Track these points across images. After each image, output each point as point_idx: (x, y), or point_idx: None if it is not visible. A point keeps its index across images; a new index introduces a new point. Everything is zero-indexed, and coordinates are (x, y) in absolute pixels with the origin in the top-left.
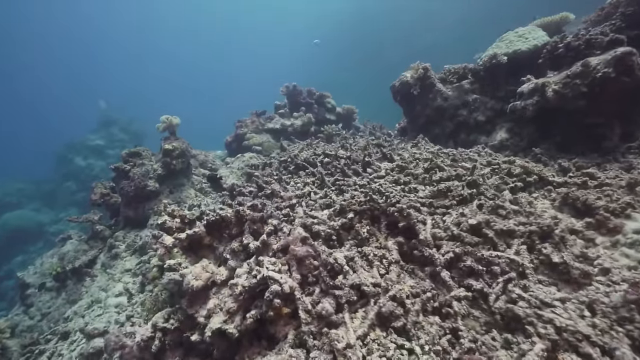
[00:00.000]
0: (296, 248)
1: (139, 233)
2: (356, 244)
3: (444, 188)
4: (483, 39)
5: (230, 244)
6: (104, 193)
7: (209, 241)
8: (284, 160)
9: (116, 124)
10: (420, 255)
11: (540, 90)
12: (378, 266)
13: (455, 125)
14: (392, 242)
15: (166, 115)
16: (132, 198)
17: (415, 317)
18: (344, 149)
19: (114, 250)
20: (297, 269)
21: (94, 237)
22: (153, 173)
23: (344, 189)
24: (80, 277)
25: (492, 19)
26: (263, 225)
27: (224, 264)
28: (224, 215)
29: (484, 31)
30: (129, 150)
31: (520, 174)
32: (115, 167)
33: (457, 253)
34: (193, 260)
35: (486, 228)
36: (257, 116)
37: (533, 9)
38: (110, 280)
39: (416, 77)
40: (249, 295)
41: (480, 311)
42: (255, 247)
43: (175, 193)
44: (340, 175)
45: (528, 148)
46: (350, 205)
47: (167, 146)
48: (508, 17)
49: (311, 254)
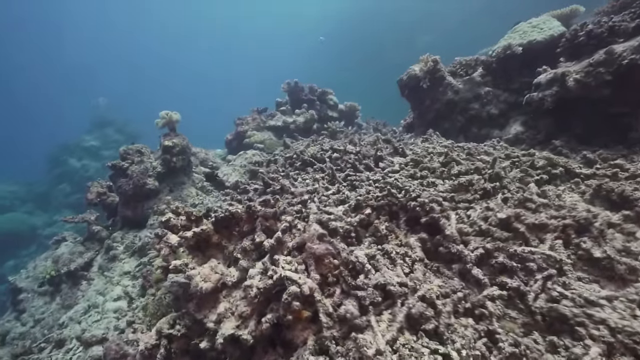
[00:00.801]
0: (314, 246)
1: (138, 233)
2: (375, 242)
3: (466, 182)
4: (482, 39)
5: (241, 242)
6: (100, 192)
7: (218, 240)
8: (289, 156)
9: (111, 125)
10: (446, 252)
11: (560, 80)
12: (401, 264)
13: (466, 120)
14: (415, 239)
15: (166, 111)
16: (131, 197)
17: (448, 319)
18: (352, 144)
19: (112, 251)
20: (315, 268)
21: (91, 238)
22: (152, 171)
23: (356, 185)
24: (76, 280)
25: (491, 20)
26: (276, 222)
27: (235, 264)
28: (234, 211)
29: (483, 31)
30: (127, 147)
31: (545, 166)
32: (113, 164)
33: (487, 249)
34: (200, 261)
35: (516, 222)
36: (258, 113)
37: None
38: (109, 283)
39: (425, 70)
40: (264, 298)
41: (517, 311)
42: (270, 245)
43: (175, 192)
44: (352, 170)
45: (546, 141)
46: (367, 200)
47: (167, 142)
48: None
49: (331, 252)
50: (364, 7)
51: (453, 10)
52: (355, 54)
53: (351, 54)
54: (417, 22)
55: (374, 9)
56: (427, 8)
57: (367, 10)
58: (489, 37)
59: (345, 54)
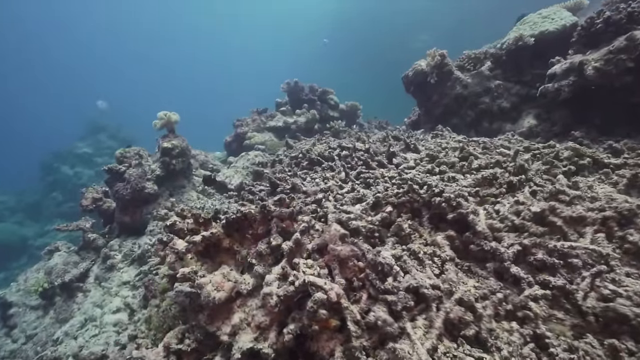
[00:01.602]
0: (337, 247)
1: (137, 241)
2: (398, 241)
3: (490, 175)
4: (477, 40)
5: (256, 246)
6: (96, 198)
7: (229, 244)
8: (295, 156)
9: (104, 131)
10: (478, 250)
11: (578, 69)
12: (430, 265)
13: (477, 114)
14: (442, 237)
15: (164, 111)
16: (129, 202)
17: (489, 324)
18: (361, 141)
19: (109, 261)
20: (339, 272)
21: (86, 247)
22: (151, 174)
23: (370, 182)
24: (71, 292)
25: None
26: (292, 222)
27: (249, 270)
28: (246, 212)
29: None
30: (123, 150)
31: (571, 157)
32: (109, 168)
33: (525, 245)
34: (210, 268)
35: (552, 216)
36: (258, 114)
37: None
38: (106, 294)
39: (433, 65)
40: (285, 307)
41: (563, 312)
42: (289, 248)
43: (175, 195)
44: (364, 167)
45: (563, 133)
46: (387, 197)
47: (165, 144)
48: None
49: (355, 253)
50: (362, 7)
51: (446, 12)
52: (353, 54)
53: (350, 54)
54: (412, 23)
55: (373, 9)
56: (421, 9)
57: (366, 11)
58: (483, 38)
59: (345, 55)
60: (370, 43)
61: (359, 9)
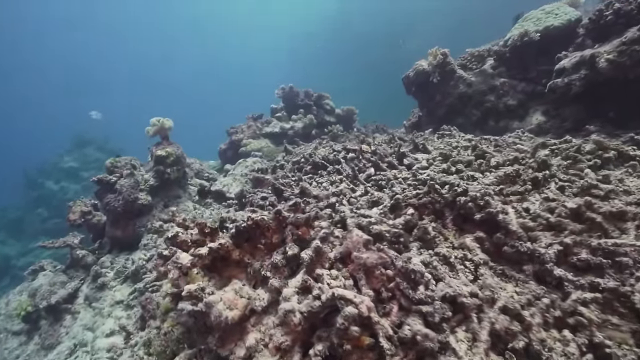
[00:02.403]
0: (362, 255)
1: (130, 256)
2: (423, 246)
3: (512, 172)
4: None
5: (270, 257)
6: (85, 211)
7: (239, 256)
8: (297, 161)
9: (91, 144)
10: (513, 252)
11: (589, 62)
12: (463, 270)
13: (482, 113)
14: (471, 239)
15: (157, 117)
16: (120, 215)
17: (539, 333)
18: (366, 144)
19: (101, 279)
20: (366, 282)
21: (74, 265)
22: (144, 184)
23: (383, 184)
24: (58, 315)
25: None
26: (309, 229)
27: (263, 284)
28: (258, 219)
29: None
30: (114, 159)
31: (594, 150)
32: (99, 179)
33: (566, 244)
34: (219, 283)
35: (590, 212)
36: (253, 120)
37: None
38: (98, 316)
39: (435, 64)
40: (308, 325)
41: (618, 317)
42: (309, 258)
43: (170, 206)
44: (374, 169)
45: (575, 129)
46: (407, 199)
47: (159, 152)
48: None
49: (384, 261)
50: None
51: (433, 17)
52: (348, 58)
53: (345, 58)
54: (401, 27)
55: (359, 14)
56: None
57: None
58: (488, 36)
59: (340, 59)
60: (366, 46)
61: (354, 10)
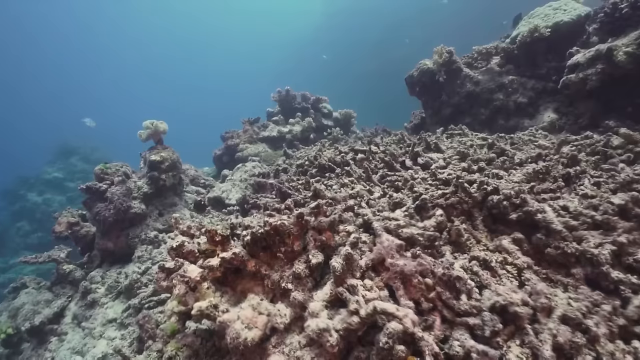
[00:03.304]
0: (398, 262)
1: (123, 269)
2: (457, 250)
3: (542, 168)
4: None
5: (291, 267)
6: (72, 222)
7: (255, 267)
8: (301, 164)
9: (76, 154)
10: (559, 254)
11: (605, 56)
12: (506, 275)
13: (491, 112)
14: (508, 241)
15: (150, 120)
16: (112, 225)
17: (607, 345)
18: (374, 144)
19: (90, 295)
20: (404, 292)
21: (61, 281)
22: (137, 191)
23: (399, 185)
24: (43, 338)
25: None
26: (333, 234)
27: (283, 297)
28: (278, 224)
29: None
30: (103, 166)
31: (624, 144)
32: (88, 186)
33: (621, 244)
34: (233, 299)
35: (638, 208)
36: (250, 124)
37: None
38: (88, 337)
39: (441, 63)
40: (344, 344)
41: None
42: (341, 267)
43: (165, 215)
44: (387, 169)
45: (592, 125)
46: (433, 199)
47: (153, 157)
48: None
49: (424, 268)
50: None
51: (419, 25)
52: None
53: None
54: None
55: (345, 22)
56: (396, 22)
57: (339, 25)
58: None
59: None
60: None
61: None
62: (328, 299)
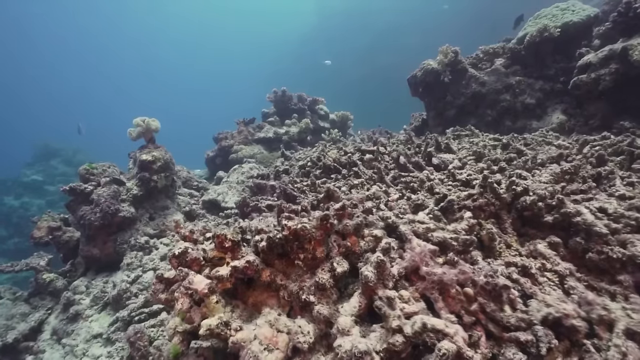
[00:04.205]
0: (436, 270)
1: (110, 278)
2: (487, 255)
3: (570, 168)
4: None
5: (312, 276)
6: (53, 227)
7: (270, 277)
8: (303, 165)
9: (57, 156)
10: (602, 259)
11: (620, 55)
12: (547, 283)
13: (497, 113)
14: (544, 245)
15: (141, 117)
16: (98, 229)
17: None
18: (381, 145)
19: (73, 307)
20: (444, 304)
21: (39, 292)
22: (126, 194)
23: (415, 187)
24: (16, 356)
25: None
26: (358, 239)
27: (304, 312)
28: (298, 228)
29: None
30: (89, 165)
31: None
32: (71, 188)
33: None
34: (245, 314)
35: None
36: (245, 125)
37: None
38: (69, 355)
39: (446, 63)
40: None
41: None
42: (374, 277)
43: (157, 219)
44: (399, 170)
45: (603, 126)
46: (460, 200)
47: (145, 156)
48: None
49: (467, 276)
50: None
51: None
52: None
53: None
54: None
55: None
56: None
57: (327, 30)
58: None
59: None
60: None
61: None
62: (357, 312)
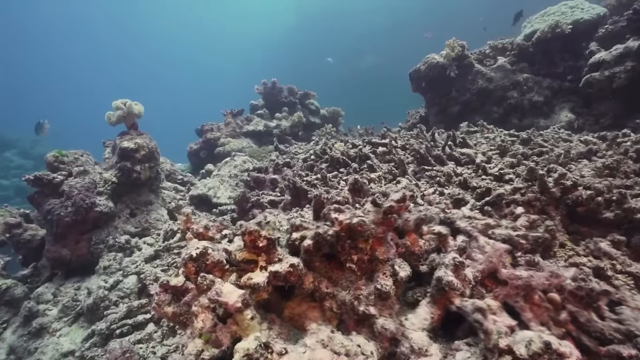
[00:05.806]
0: (521, 274)
1: (84, 284)
2: (544, 256)
3: (612, 163)
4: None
5: (371, 282)
6: (11, 224)
7: (313, 284)
8: (305, 158)
9: (13, 147)
10: None
11: (636, 53)
12: (623, 287)
13: (504, 110)
14: (606, 244)
15: (122, 100)
16: (69, 226)
17: None
18: (389, 138)
19: (37, 320)
20: (532, 315)
21: None
22: (104, 185)
23: (441, 181)
24: None
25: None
26: (418, 237)
27: (361, 325)
28: (354, 223)
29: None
30: (59, 152)
31: None
32: (37, 177)
33: None
34: (284, 332)
35: None
36: (233, 117)
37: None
38: None
39: (453, 57)
40: None
41: None
42: (456, 281)
43: (139, 215)
44: (419, 164)
45: (616, 124)
46: (509, 195)
47: (126, 144)
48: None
49: (560, 280)
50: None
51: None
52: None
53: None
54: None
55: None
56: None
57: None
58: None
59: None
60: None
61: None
62: (429, 326)
